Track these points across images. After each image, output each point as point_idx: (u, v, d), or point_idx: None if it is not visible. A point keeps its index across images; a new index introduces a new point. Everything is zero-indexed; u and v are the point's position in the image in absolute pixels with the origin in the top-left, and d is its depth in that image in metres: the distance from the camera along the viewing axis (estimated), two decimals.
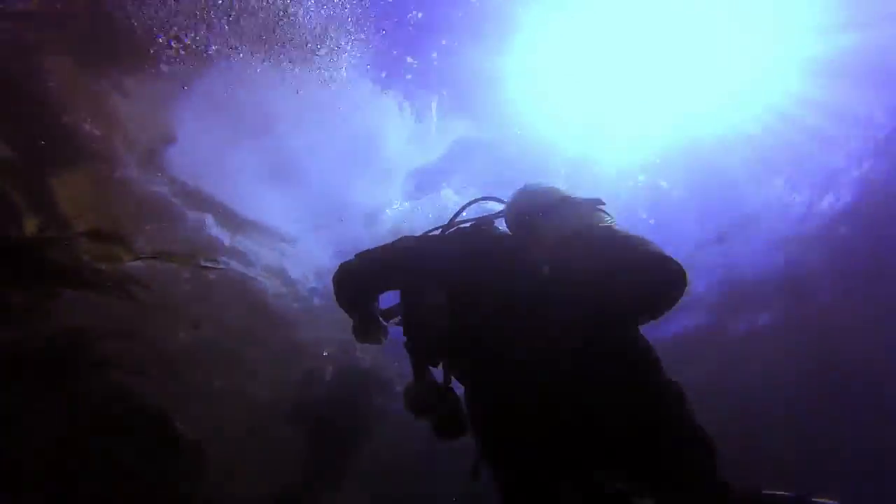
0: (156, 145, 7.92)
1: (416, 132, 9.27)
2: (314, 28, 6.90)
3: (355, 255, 2.07)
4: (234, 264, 9.50)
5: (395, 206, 9.99)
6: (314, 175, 9.41)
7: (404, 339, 1.97)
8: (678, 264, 1.57)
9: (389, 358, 10.53)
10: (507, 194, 2.08)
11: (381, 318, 2.09)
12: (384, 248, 2.02)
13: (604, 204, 1.83)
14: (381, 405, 10.59)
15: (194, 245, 8.72)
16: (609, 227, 1.69)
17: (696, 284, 10.68)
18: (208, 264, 8.58)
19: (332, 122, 8.75)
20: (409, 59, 8.06)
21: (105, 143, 7.20)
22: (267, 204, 9.44)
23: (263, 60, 7.24)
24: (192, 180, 8.49)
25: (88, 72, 6.85)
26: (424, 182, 10.00)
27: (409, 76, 8.38)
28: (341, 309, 2.12)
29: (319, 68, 7.52)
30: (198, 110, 7.83)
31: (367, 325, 2.07)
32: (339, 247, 9.92)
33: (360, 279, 2.04)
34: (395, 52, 7.83)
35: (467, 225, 2.08)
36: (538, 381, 1.58)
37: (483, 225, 2.05)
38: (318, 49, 7.19)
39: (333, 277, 2.07)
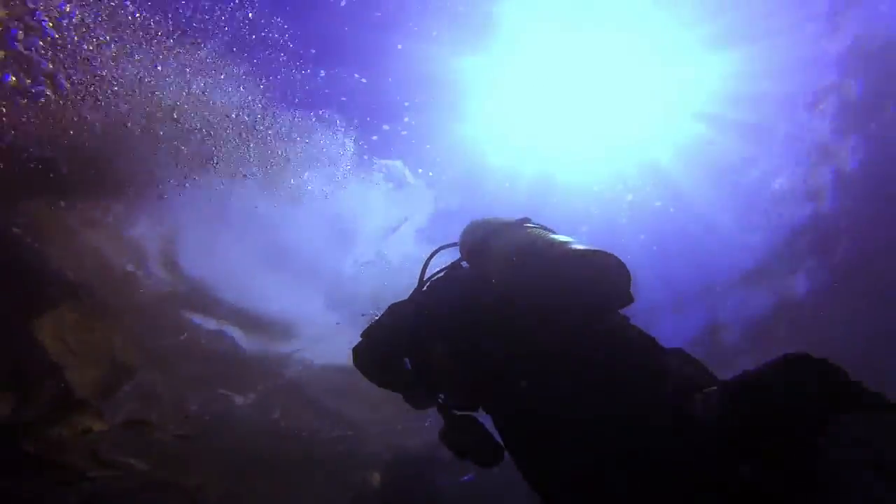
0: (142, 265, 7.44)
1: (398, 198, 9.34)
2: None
3: (361, 336, 2.12)
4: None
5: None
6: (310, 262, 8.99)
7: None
8: (620, 261, 1.64)
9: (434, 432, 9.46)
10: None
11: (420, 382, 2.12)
12: (380, 321, 2.10)
13: (530, 220, 1.98)
14: (447, 483, 9.33)
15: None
16: (545, 238, 1.79)
17: None
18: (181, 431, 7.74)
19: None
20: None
21: (87, 278, 6.71)
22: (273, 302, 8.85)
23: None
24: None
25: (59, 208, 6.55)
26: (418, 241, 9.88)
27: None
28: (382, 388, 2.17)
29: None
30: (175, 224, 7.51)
31: (414, 392, 2.13)
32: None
33: (375, 356, 2.10)
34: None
35: (441, 274, 2.14)
36: (554, 397, 1.58)
37: (453, 269, 2.13)
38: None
39: (354, 363, 2.12)
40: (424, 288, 2.11)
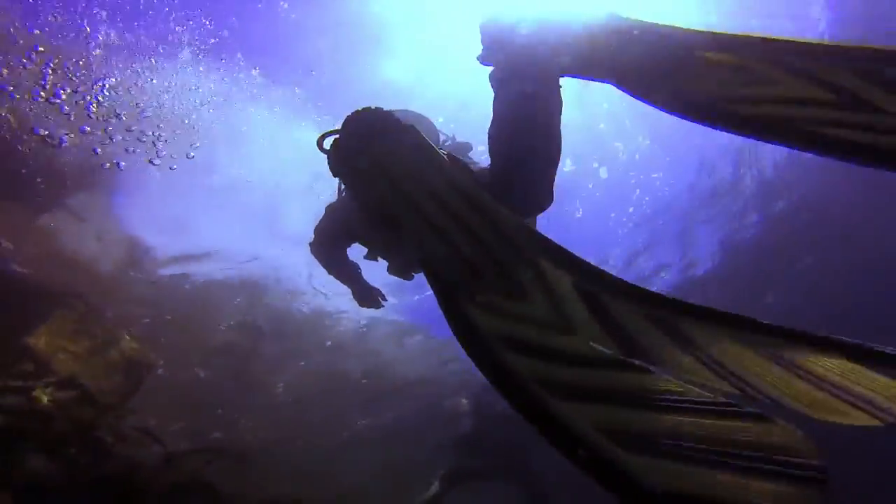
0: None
1: None
2: None
3: (313, 233, 2.72)
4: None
5: None
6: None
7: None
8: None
9: None
10: None
11: (365, 281, 2.95)
12: (323, 219, 2.66)
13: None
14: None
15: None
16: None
17: None
18: None
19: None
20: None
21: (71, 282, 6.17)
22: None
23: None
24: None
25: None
26: None
27: None
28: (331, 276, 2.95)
29: None
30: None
31: (363, 290, 2.92)
32: None
33: (323, 244, 2.72)
34: None
35: None
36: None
37: None
38: None
39: (311, 254, 2.82)
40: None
